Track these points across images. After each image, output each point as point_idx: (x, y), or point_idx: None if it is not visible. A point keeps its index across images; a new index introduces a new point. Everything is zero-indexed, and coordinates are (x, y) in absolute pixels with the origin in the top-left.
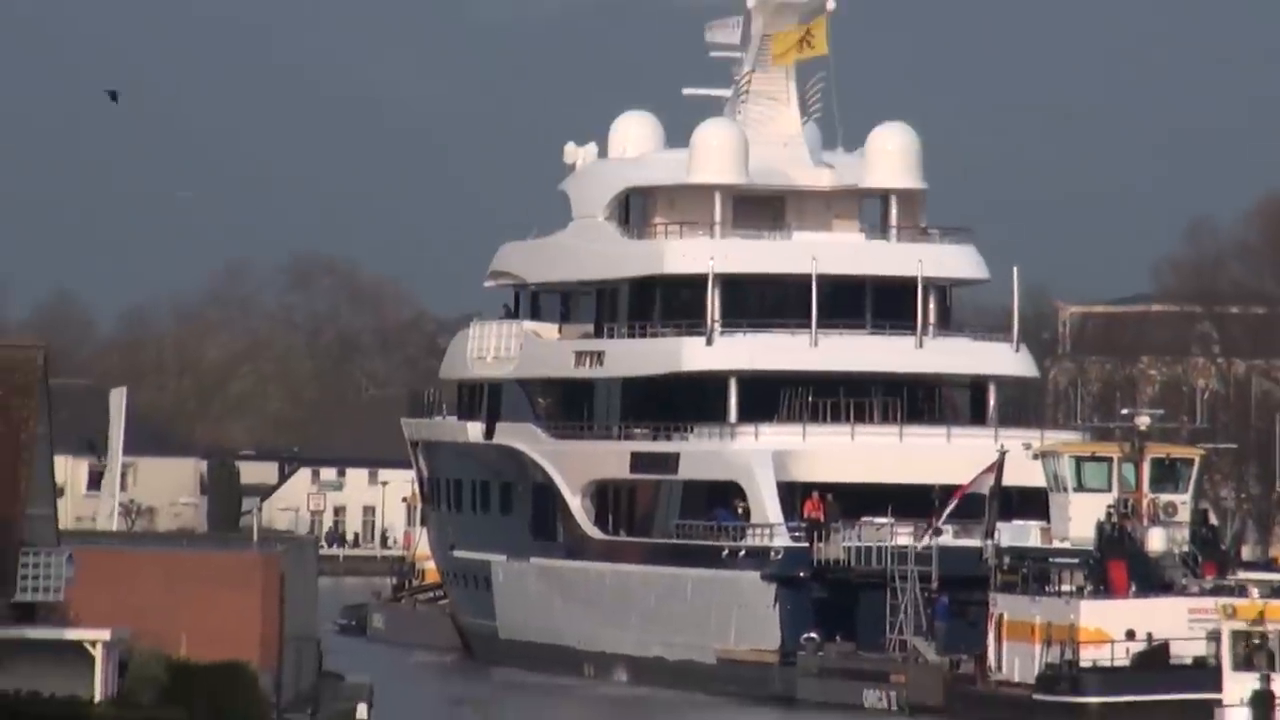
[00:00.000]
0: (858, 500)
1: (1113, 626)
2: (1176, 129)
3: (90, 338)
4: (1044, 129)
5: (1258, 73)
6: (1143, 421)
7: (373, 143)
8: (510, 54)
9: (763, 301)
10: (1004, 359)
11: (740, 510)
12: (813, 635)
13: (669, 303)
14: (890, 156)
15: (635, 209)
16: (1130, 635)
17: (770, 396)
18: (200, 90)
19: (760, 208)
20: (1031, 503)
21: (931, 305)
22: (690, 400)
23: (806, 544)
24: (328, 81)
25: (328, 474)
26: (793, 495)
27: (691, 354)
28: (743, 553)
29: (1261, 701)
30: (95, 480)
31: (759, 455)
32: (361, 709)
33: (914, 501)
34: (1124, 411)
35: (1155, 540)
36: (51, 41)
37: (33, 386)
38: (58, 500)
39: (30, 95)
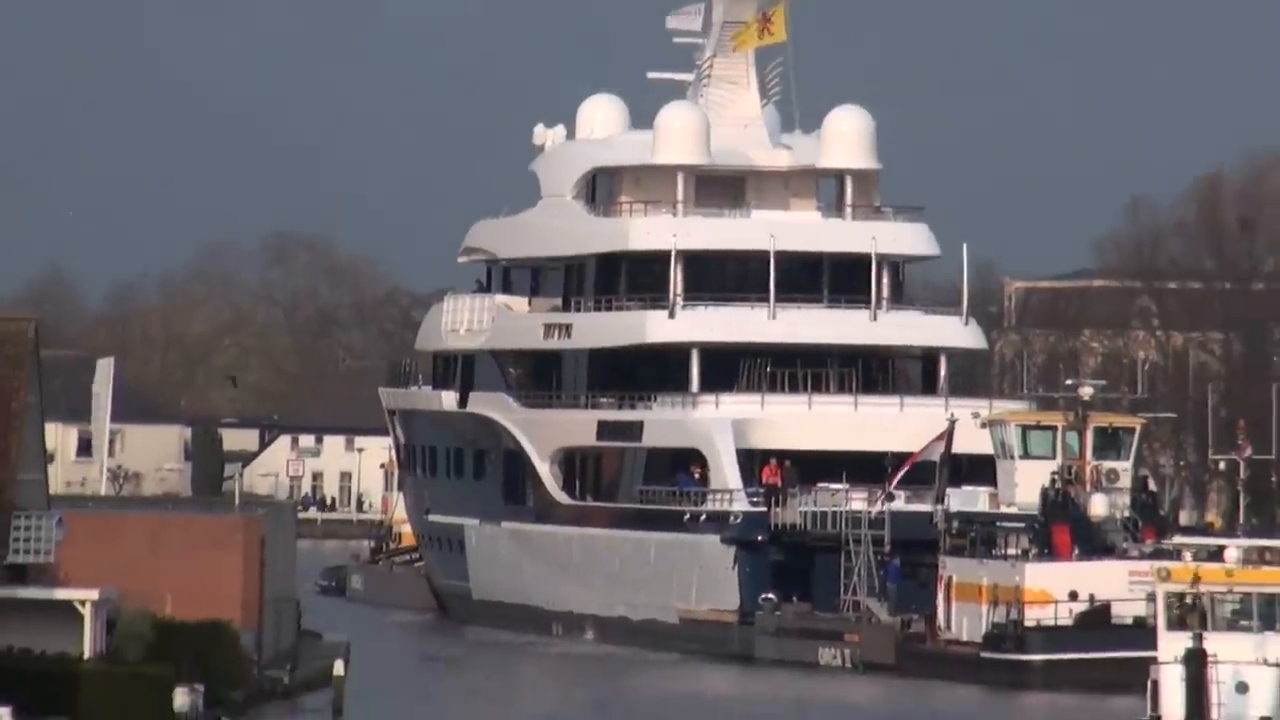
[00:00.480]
0: (814, 467)
1: (1056, 588)
2: (1116, 112)
3: (80, 312)
4: (993, 112)
5: (1196, 60)
6: (1085, 392)
7: (348, 124)
8: (481, 39)
9: (723, 276)
10: (954, 332)
11: (698, 475)
12: (770, 596)
13: (634, 278)
14: (845, 138)
15: (601, 188)
16: (1073, 596)
17: (730, 367)
18: (185, 64)
19: (721, 187)
20: (980, 469)
21: (885, 280)
22: (654, 371)
23: (764, 509)
24: (306, 63)
25: (306, 441)
26: (752, 462)
27: (655, 326)
28: (704, 517)
29: (1194, 659)
30: (85, 447)
31: (719, 423)
32: (339, 665)
33: (867, 468)
34: (1068, 382)
35: (1097, 506)
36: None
37: (24, 358)
38: (48, 466)
39: (20, 67)
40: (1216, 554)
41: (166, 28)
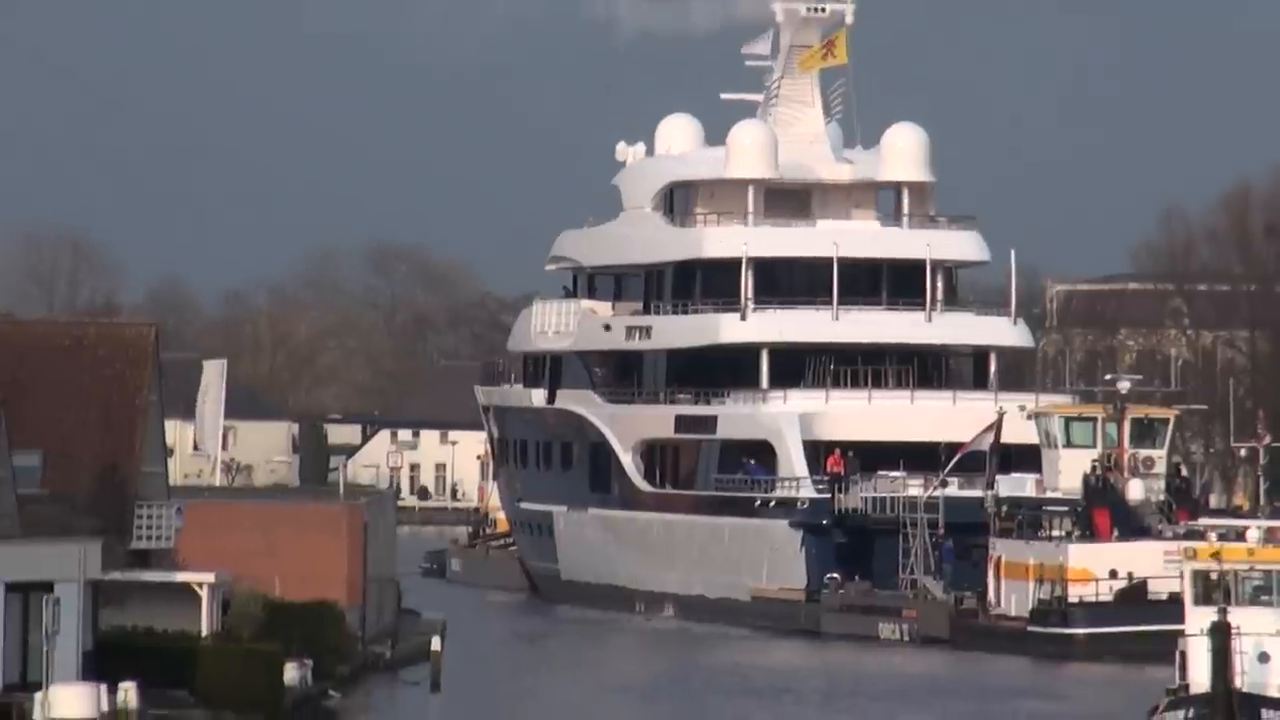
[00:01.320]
0: (874, 456)
1: (1097, 567)
2: (1151, 129)
3: (196, 317)
4: (1038, 129)
5: (1225, 81)
6: (1123, 386)
7: (443, 141)
8: (568, 65)
9: (791, 281)
10: (1003, 331)
11: (751, 463)
12: (834, 575)
13: (708, 283)
14: (902, 153)
15: (679, 200)
16: (1113, 574)
17: (797, 365)
18: (287, 79)
19: (788, 199)
20: (1026, 458)
21: (939, 284)
22: (727, 369)
23: (829, 495)
24: (407, 81)
25: (404, 435)
26: (817, 452)
27: (728, 328)
28: (773, 503)
29: (1219, 632)
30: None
31: (787, 417)
32: (436, 641)
33: (923, 457)
34: (1106, 377)
35: (1135, 490)
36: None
37: (146, 360)
38: (168, 459)
39: (135, 85)
40: (1239, 535)
41: (274, 58)
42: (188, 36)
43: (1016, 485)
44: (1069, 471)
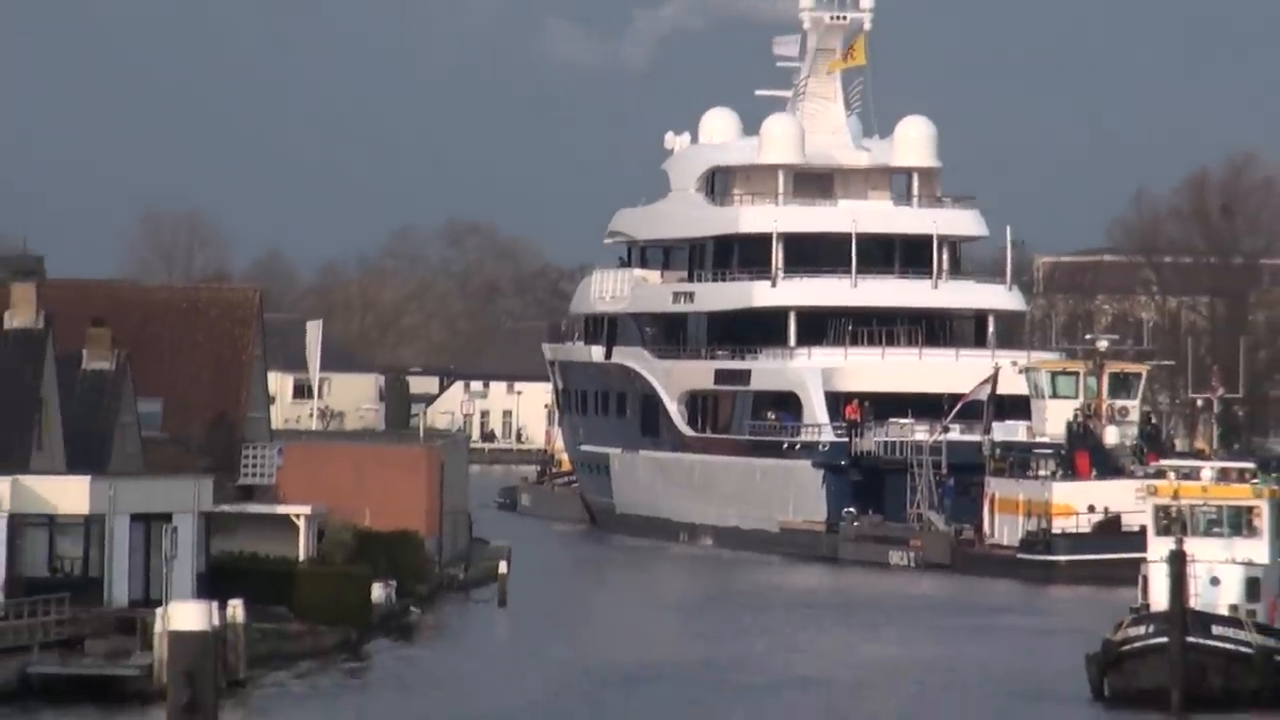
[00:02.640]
0: (886, 405)
1: (1078, 502)
2: (1126, 121)
3: (295, 284)
4: (1029, 121)
5: (1190, 78)
6: (1101, 344)
7: (514, 128)
8: (627, 63)
9: (815, 253)
10: (1000, 297)
11: (774, 417)
12: (851, 510)
13: (744, 255)
14: (913, 142)
15: (719, 183)
16: (1091, 509)
17: (820, 326)
18: (369, 72)
19: (813, 182)
20: (1018, 407)
21: (944, 256)
22: (759, 329)
23: (847, 440)
24: (484, 84)
25: (476, 386)
26: (837, 402)
27: (760, 294)
28: (798, 446)
29: (1176, 559)
30: (299, 391)
31: (811, 372)
32: (502, 565)
33: (929, 407)
34: (1086, 337)
35: (1111, 436)
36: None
37: (251, 320)
38: (271, 406)
39: (240, 76)
40: (1194, 474)
41: (357, 49)
42: (267, 61)
43: (1009, 431)
44: (1054, 419)
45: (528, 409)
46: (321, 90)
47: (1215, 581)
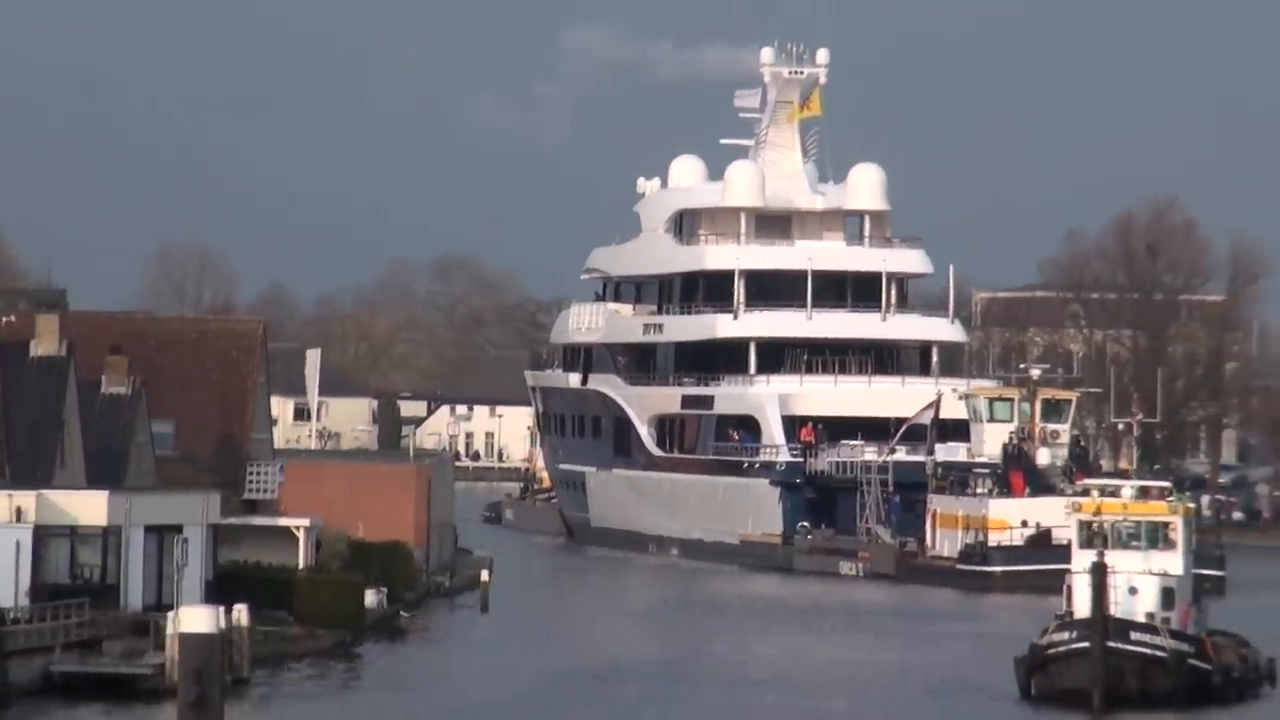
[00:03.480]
0: (838, 429)
1: (1012, 518)
2: (1056, 167)
3: (295, 315)
4: (969, 169)
5: (1115, 125)
6: (1034, 373)
7: (501, 171)
8: (599, 113)
9: (774, 289)
10: (943, 329)
11: (738, 437)
12: (805, 524)
13: (708, 290)
14: (865, 187)
15: (686, 224)
16: (1024, 524)
17: (778, 355)
18: (372, 137)
19: (773, 223)
20: (958, 430)
21: (892, 292)
22: (722, 358)
23: (802, 459)
24: (465, 130)
25: (461, 410)
26: (793, 425)
27: (724, 325)
28: (757, 466)
29: (1098, 570)
30: (299, 414)
31: (770, 397)
32: (484, 573)
33: (877, 430)
34: (1020, 366)
35: (1043, 457)
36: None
37: (255, 348)
38: (273, 428)
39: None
40: (1116, 492)
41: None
42: (288, 105)
43: (951, 452)
44: (992, 441)
45: (509, 430)
46: (331, 137)
47: (1134, 591)
